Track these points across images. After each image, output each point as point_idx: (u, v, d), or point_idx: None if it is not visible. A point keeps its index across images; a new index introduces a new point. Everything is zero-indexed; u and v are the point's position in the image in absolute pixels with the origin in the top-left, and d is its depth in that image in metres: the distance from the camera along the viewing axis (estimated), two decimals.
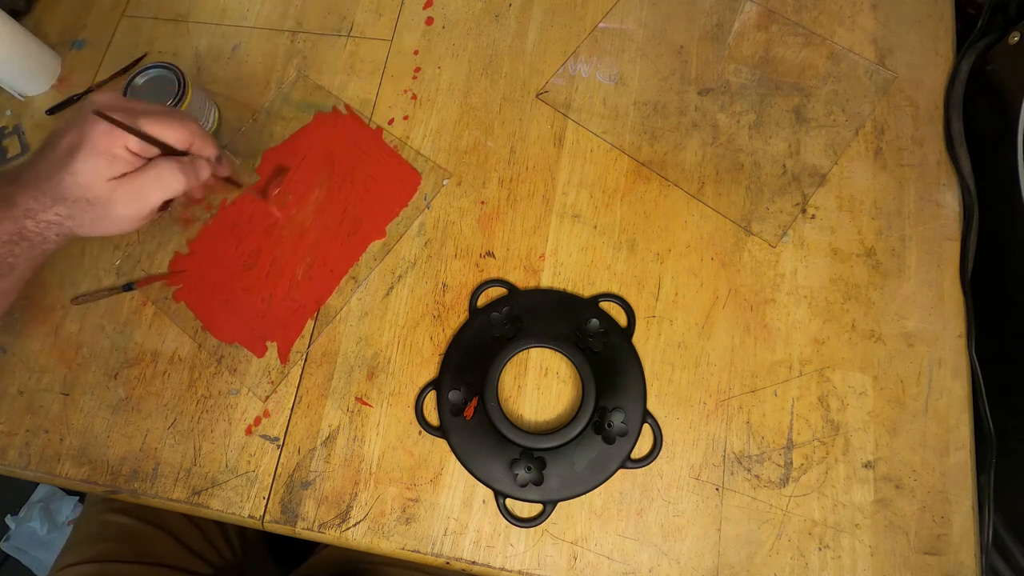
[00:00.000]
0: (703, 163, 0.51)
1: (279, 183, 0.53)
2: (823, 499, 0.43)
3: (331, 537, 0.45)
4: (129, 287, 0.51)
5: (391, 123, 0.55)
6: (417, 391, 0.47)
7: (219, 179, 0.48)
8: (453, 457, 0.45)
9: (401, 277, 0.50)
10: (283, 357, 0.49)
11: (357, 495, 0.45)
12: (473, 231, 0.51)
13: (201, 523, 0.59)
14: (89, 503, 0.61)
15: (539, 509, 0.44)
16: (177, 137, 0.42)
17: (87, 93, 0.58)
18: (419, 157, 0.53)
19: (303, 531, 0.45)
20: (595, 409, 0.45)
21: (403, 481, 0.45)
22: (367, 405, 0.47)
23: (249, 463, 0.46)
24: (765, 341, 0.46)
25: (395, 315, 0.49)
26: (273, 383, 0.48)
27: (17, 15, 0.60)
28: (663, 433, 0.45)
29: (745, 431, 0.44)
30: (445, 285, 0.50)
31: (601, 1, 0.57)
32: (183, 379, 0.49)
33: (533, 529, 0.44)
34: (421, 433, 0.46)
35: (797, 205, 0.49)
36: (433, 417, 0.47)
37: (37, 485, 1.14)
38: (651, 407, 0.45)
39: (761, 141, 0.51)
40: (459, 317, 0.49)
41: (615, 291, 0.48)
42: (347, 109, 0.55)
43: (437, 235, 0.51)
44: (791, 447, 0.44)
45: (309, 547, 0.62)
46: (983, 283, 0.46)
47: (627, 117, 0.53)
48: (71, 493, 1.14)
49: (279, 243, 0.52)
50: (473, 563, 0.43)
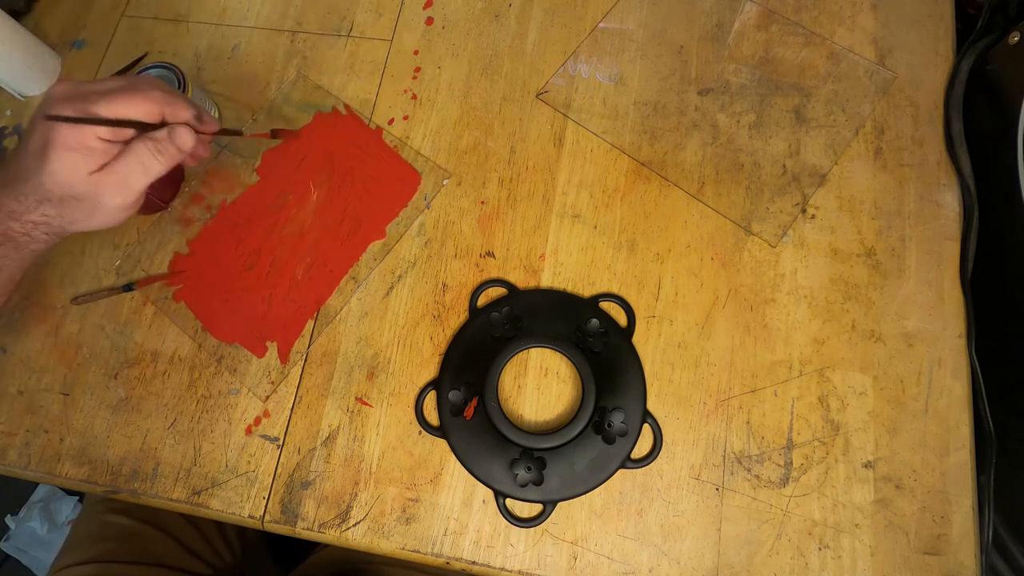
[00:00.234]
0: (703, 163, 0.51)
1: (292, 133, 0.50)
2: (823, 499, 0.43)
3: (331, 537, 0.45)
4: (129, 287, 0.51)
5: (391, 123, 0.55)
6: (417, 391, 0.47)
7: (213, 135, 0.44)
8: (453, 457, 0.45)
9: (401, 277, 0.50)
10: (283, 357, 0.49)
11: (357, 495, 0.45)
12: (473, 231, 0.51)
13: (201, 523, 0.59)
14: (88, 503, 0.61)
15: (539, 509, 0.44)
16: (144, 111, 0.39)
17: None
18: (419, 157, 0.53)
19: (303, 531, 0.45)
20: (595, 409, 0.45)
21: (403, 481, 0.45)
22: (367, 405, 0.47)
23: (249, 463, 0.46)
24: (765, 341, 0.46)
25: (395, 315, 0.49)
26: (273, 383, 0.48)
27: (17, 15, 0.60)
28: (663, 433, 0.45)
29: (745, 431, 0.44)
30: (445, 285, 0.50)
31: (601, 1, 0.57)
32: (183, 379, 0.49)
33: (533, 529, 0.44)
34: (421, 433, 0.46)
35: (797, 205, 0.49)
36: (433, 417, 0.47)
37: (37, 485, 1.14)
38: (651, 407, 0.45)
39: (761, 141, 0.51)
40: (459, 317, 0.49)
41: (615, 291, 0.48)
42: (347, 109, 0.55)
43: (437, 235, 0.51)
44: (791, 447, 0.44)
45: (309, 547, 0.62)
46: (983, 283, 0.46)
47: (627, 117, 0.53)
48: (71, 493, 1.14)
49: (279, 243, 0.52)
50: (473, 563, 0.43)
